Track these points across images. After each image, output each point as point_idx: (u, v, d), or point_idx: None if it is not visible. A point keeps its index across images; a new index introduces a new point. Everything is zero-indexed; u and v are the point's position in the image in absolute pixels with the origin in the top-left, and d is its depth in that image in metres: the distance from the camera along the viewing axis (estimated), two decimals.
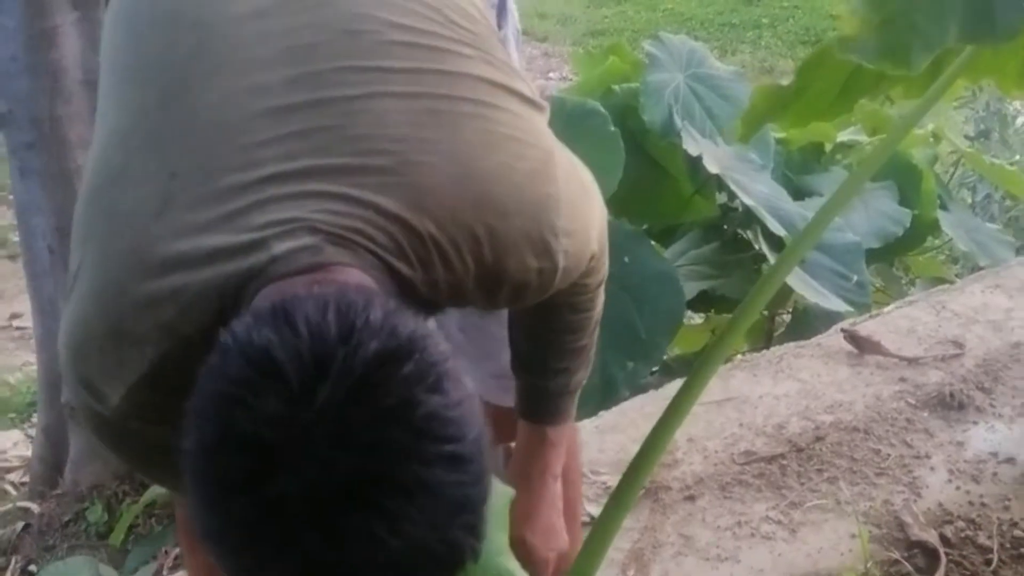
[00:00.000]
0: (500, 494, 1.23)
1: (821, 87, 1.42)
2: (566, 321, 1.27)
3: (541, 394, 1.35)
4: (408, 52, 1.04)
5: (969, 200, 4.09)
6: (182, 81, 1.03)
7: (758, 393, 2.44)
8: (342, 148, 0.97)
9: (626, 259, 2.44)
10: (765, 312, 3.29)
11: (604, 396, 2.41)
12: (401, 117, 0.99)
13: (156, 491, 2.61)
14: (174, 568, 2.43)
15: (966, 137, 4.24)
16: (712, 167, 2.73)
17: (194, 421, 0.77)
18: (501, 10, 1.47)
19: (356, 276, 0.92)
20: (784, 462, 2.19)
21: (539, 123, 1.10)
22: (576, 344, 1.31)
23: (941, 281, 3.32)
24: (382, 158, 0.97)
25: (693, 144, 2.75)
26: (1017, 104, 4.48)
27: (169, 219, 0.95)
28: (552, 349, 1.31)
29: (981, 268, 3.26)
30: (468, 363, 1.71)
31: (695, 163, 2.82)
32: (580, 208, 1.11)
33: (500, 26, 1.44)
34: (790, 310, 3.31)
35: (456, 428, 0.77)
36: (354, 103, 0.99)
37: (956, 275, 3.58)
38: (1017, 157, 4.38)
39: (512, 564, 1.40)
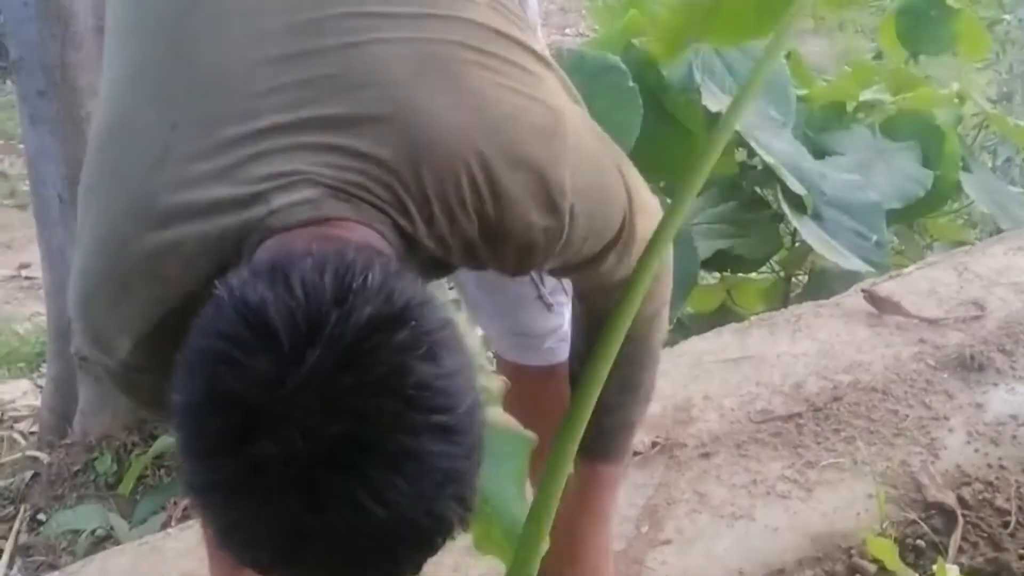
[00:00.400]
0: (518, 440, 1.20)
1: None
2: (622, 352, 1.20)
3: (596, 430, 1.25)
4: None
5: (989, 164, 4.03)
6: (184, 30, 1.00)
7: (776, 352, 2.40)
8: (342, 98, 0.94)
9: None
10: (782, 273, 3.26)
11: None
12: (403, 65, 0.96)
13: (165, 442, 2.61)
14: (183, 519, 2.42)
15: (988, 100, 4.17)
16: None
17: (183, 375, 0.76)
18: None
19: (360, 233, 0.90)
20: (801, 421, 2.16)
21: (547, 79, 1.06)
22: (633, 379, 1.26)
23: (960, 244, 3.28)
24: (382, 107, 0.94)
25: (713, 100, 2.70)
26: None
27: (169, 170, 0.93)
28: (608, 382, 1.23)
29: (1001, 232, 3.21)
30: (486, 319, 1.69)
31: (715, 119, 2.77)
32: (595, 172, 1.07)
33: None
34: (807, 271, 3.27)
35: (447, 398, 0.75)
36: (355, 51, 0.96)
37: (976, 239, 3.54)
38: None
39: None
